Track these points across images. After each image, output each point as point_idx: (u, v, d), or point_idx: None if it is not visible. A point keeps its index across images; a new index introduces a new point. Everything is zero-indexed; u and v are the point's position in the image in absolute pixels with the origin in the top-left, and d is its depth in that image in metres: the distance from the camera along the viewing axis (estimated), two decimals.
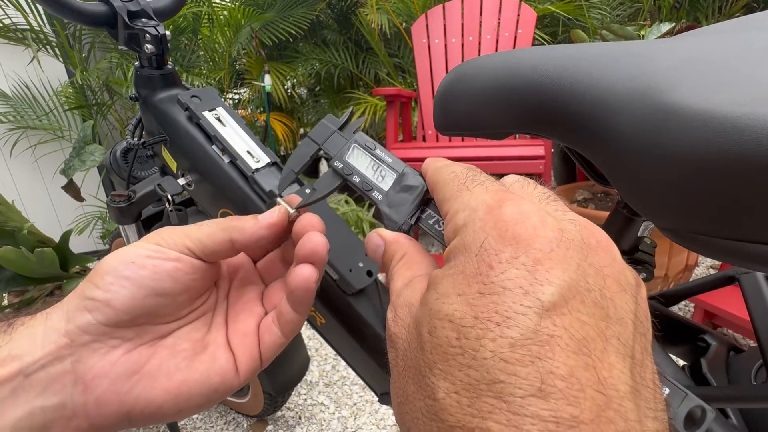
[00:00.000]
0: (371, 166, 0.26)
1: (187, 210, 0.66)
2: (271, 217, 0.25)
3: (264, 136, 2.71)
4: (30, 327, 0.22)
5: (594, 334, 0.13)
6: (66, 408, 0.21)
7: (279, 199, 0.27)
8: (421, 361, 0.15)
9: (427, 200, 0.24)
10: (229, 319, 0.26)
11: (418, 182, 0.24)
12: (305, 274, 0.23)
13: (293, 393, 1.28)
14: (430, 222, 0.24)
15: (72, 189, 1.73)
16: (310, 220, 0.25)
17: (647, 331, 0.16)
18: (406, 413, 0.16)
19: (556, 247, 0.15)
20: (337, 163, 0.27)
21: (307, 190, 0.28)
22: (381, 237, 0.23)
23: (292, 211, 0.26)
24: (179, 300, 0.24)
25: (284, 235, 0.27)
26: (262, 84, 2.59)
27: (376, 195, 0.25)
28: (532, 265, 0.14)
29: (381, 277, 0.24)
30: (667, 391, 0.21)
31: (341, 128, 0.28)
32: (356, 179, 0.26)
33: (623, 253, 0.42)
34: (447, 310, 0.15)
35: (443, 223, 0.20)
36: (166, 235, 0.24)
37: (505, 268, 0.14)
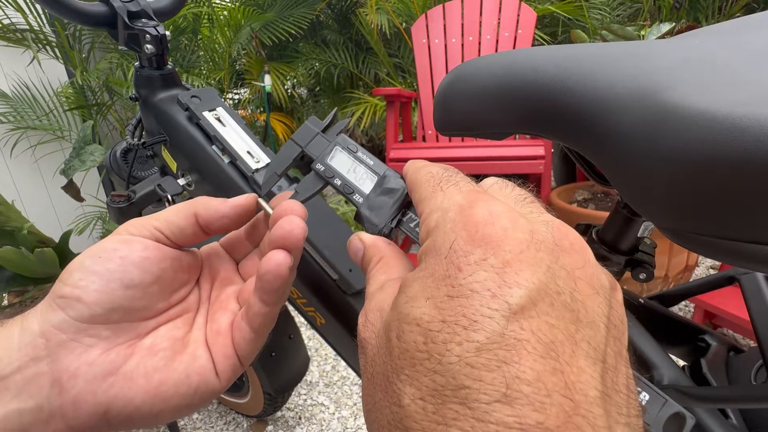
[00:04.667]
0: (353, 168, 0.26)
1: None
2: (238, 199, 0.25)
3: (264, 136, 2.71)
4: (6, 329, 0.21)
5: (563, 338, 0.13)
6: (43, 411, 0.20)
7: (260, 200, 0.27)
8: (389, 366, 0.15)
9: (408, 203, 0.24)
10: (208, 318, 0.26)
11: (399, 185, 0.24)
12: (278, 259, 0.22)
13: (293, 393, 1.28)
14: (411, 225, 0.23)
15: (72, 189, 1.73)
16: (291, 205, 0.24)
17: (621, 335, 0.15)
18: (374, 421, 0.15)
19: (526, 248, 0.14)
20: (319, 166, 0.27)
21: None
22: (361, 240, 0.22)
23: (270, 210, 0.25)
24: (151, 291, 0.23)
25: (258, 229, 0.27)
26: (262, 84, 2.60)
27: (357, 198, 0.25)
28: (501, 267, 0.14)
29: None
30: (647, 397, 0.21)
31: (324, 130, 0.28)
32: (338, 182, 0.26)
33: (623, 253, 0.42)
34: (415, 314, 0.14)
35: None
36: (135, 223, 0.24)
37: (474, 270, 0.14)
